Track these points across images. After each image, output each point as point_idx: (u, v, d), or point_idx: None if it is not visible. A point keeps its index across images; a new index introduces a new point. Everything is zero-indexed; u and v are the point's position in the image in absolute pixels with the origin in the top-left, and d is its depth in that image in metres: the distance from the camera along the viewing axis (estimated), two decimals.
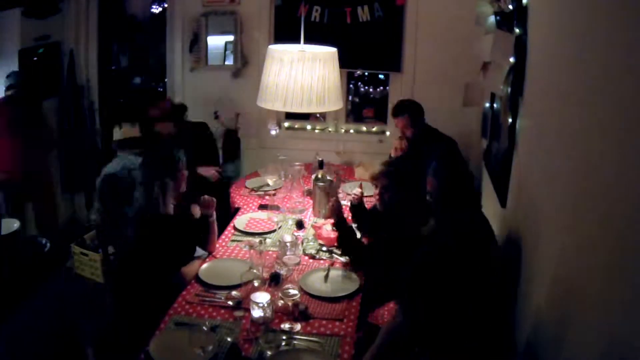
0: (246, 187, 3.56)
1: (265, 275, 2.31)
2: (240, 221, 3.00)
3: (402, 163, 2.69)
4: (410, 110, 3.32)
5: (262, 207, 3.25)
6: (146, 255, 2.40)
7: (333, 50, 2.49)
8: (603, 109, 1.35)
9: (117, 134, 4.26)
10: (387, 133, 4.23)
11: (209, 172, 3.45)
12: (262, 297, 2.14)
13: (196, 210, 2.61)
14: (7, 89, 3.63)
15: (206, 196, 2.67)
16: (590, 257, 1.37)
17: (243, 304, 2.18)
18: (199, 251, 2.68)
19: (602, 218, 1.31)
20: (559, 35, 1.86)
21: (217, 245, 2.74)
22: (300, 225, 2.90)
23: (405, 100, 3.45)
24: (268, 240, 2.74)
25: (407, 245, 1.95)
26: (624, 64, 1.22)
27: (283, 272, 2.37)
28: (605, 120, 1.33)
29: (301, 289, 2.31)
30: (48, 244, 2.79)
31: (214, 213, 2.67)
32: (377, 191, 2.57)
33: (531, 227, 2.09)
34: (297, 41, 2.51)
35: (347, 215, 2.83)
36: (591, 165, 1.42)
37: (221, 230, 2.86)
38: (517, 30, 2.42)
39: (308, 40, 2.52)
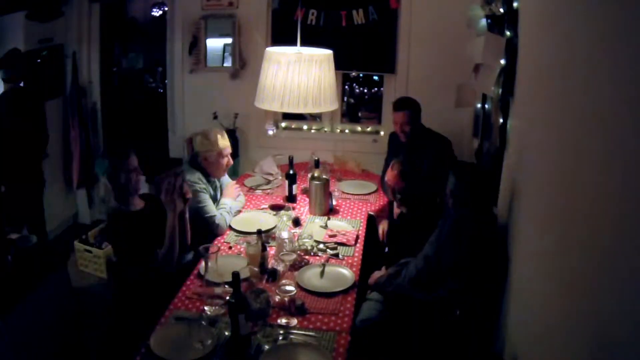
0: (245, 186, 3.63)
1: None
2: (236, 221, 3.05)
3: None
4: (412, 107, 3.35)
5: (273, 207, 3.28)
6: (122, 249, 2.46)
7: (329, 52, 2.52)
8: (592, 109, 1.38)
9: None
10: (382, 133, 4.28)
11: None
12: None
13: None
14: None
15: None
16: (579, 255, 1.40)
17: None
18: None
19: (590, 216, 1.34)
20: (549, 38, 1.90)
21: (216, 242, 2.79)
22: (297, 222, 2.97)
23: (408, 97, 3.47)
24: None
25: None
26: (612, 65, 1.26)
27: (280, 268, 2.43)
28: (594, 120, 1.36)
29: (297, 285, 2.35)
30: (34, 239, 2.84)
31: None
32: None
33: (521, 225, 2.14)
34: (294, 43, 2.54)
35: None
36: (580, 164, 1.46)
37: None
38: (507, 33, 2.47)
39: (304, 43, 2.55)
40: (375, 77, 4.78)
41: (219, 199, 3.09)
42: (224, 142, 3.01)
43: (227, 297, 2.15)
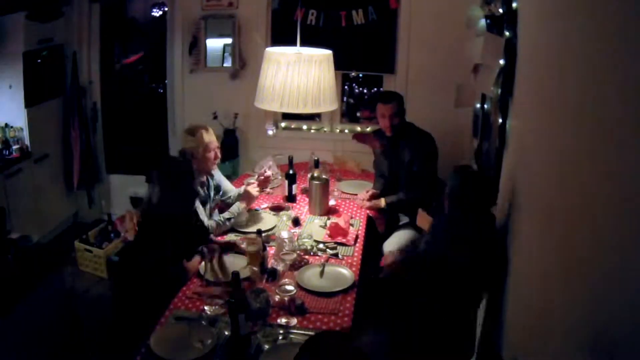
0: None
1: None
2: None
3: None
4: (398, 99, 3.28)
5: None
6: (147, 250, 2.46)
7: (328, 52, 2.52)
8: (591, 109, 1.38)
9: None
10: None
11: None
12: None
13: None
14: None
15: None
16: (578, 255, 1.41)
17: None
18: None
19: (590, 216, 1.34)
20: (548, 38, 1.91)
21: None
22: (296, 222, 2.97)
23: (392, 91, 3.44)
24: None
25: None
26: (611, 65, 1.26)
27: (280, 268, 2.43)
28: (593, 119, 1.36)
29: (297, 285, 2.35)
30: (34, 239, 2.84)
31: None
32: None
33: (521, 224, 2.14)
34: (294, 44, 2.55)
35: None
36: (579, 163, 1.46)
37: None
38: (507, 33, 2.48)
39: (304, 43, 2.55)
40: (375, 78, 4.77)
41: (213, 198, 3.09)
42: (208, 136, 2.95)
43: (227, 297, 2.16)
